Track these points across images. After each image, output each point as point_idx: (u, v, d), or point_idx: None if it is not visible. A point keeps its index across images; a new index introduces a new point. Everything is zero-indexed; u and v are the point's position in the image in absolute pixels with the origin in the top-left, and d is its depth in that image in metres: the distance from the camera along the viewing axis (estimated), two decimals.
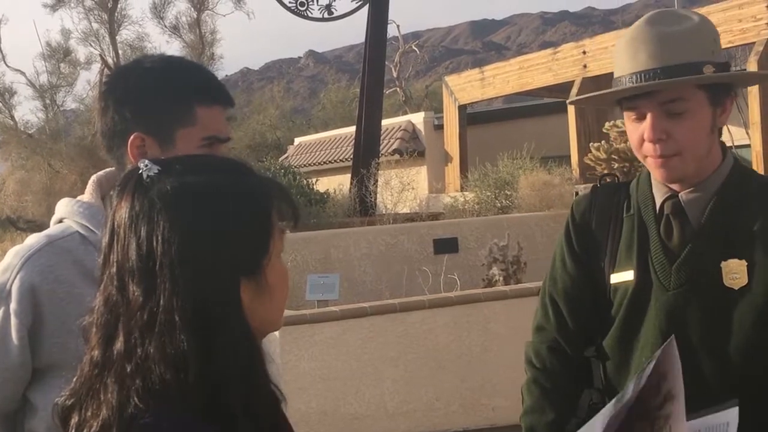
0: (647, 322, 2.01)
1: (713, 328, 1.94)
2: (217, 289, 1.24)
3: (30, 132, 28.64)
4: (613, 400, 1.66)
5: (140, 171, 1.29)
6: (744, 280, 1.92)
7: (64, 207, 1.92)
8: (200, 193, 1.27)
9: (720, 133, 2.06)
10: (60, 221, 1.92)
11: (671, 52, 1.92)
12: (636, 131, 1.99)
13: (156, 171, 1.29)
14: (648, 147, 1.97)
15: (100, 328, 1.27)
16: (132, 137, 1.83)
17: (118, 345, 1.24)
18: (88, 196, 1.93)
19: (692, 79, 1.91)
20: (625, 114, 2.03)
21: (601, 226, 2.14)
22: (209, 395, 1.21)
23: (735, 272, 1.92)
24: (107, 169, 2.00)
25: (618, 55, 2.02)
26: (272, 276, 1.32)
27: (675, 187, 2.03)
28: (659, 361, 1.53)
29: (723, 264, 1.94)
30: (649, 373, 1.52)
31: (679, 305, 1.97)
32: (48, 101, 32.89)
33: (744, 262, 1.92)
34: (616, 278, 2.07)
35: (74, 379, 1.31)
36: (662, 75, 1.91)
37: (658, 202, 2.05)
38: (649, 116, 1.95)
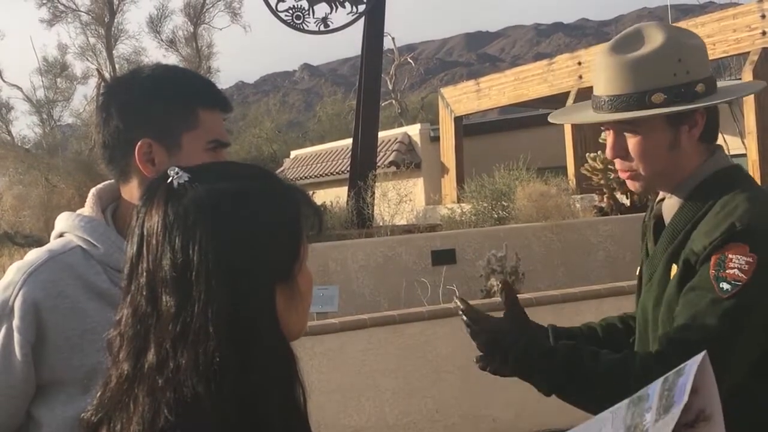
0: (639, 312, 2.19)
1: (654, 326, 2.07)
2: (254, 297, 1.22)
3: (27, 147, 28.70)
4: (626, 403, 1.56)
5: (170, 178, 1.26)
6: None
7: (64, 221, 1.90)
8: (236, 199, 1.25)
9: (709, 138, 2.09)
10: (60, 235, 1.89)
11: (624, 81, 2.02)
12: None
13: (187, 178, 1.26)
14: (616, 162, 2.14)
15: (130, 340, 1.23)
16: (139, 144, 1.82)
17: (150, 357, 1.20)
18: (88, 209, 1.90)
19: (627, 117, 2.01)
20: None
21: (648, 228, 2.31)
22: (244, 406, 1.18)
23: (674, 274, 2.03)
24: (106, 182, 1.98)
25: (592, 74, 2.19)
26: (302, 282, 1.31)
27: (663, 192, 2.15)
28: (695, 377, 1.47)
29: (673, 266, 2.02)
30: (688, 395, 1.44)
31: (646, 301, 2.11)
32: (45, 116, 32.99)
33: (676, 267, 2.01)
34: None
35: (98, 394, 1.28)
36: (615, 102, 2.03)
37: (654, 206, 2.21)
38: (609, 135, 2.10)
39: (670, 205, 2.11)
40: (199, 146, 1.83)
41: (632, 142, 2.04)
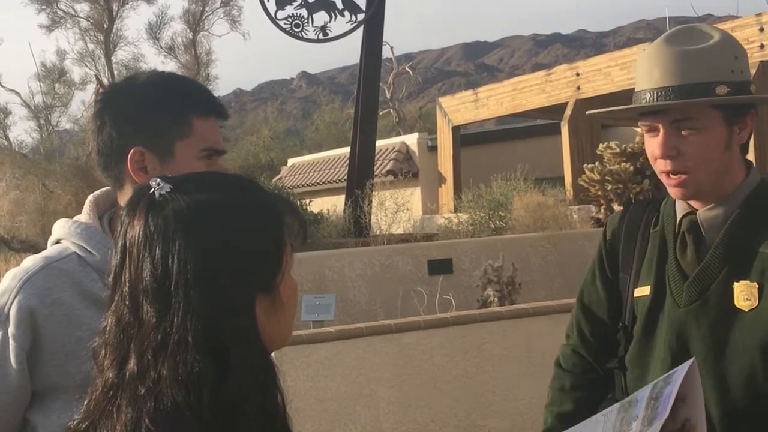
0: (660, 338, 2.03)
1: (718, 348, 1.92)
2: (233, 308, 1.23)
3: (24, 152, 28.64)
4: (617, 407, 1.56)
5: (152, 189, 1.27)
6: (755, 303, 1.90)
7: (61, 228, 1.90)
8: (215, 210, 1.26)
9: (745, 150, 2.05)
10: (57, 242, 1.90)
11: (685, 72, 1.94)
12: (650, 145, 2.02)
13: (168, 189, 1.27)
14: (660, 163, 1.99)
15: (114, 349, 1.25)
16: (131, 152, 1.81)
17: (131, 366, 1.21)
18: (85, 216, 1.91)
19: (697, 102, 1.92)
20: (642, 127, 2.05)
21: (629, 243, 2.17)
22: (224, 415, 1.19)
23: (746, 294, 1.91)
24: (104, 189, 1.98)
25: (638, 70, 2.04)
26: (284, 292, 1.30)
27: (695, 204, 2.03)
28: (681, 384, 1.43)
29: (735, 285, 1.92)
30: (677, 402, 1.40)
31: (688, 323, 1.97)
32: (43, 121, 32.92)
33: (755, 284, 1.90)
34: (638, 293, 2.11)
35: (86, 402, 1.28)
36: (674, 94, 1.93)
37: (679, 218, 2.07)
38: (661, 132, 1.97)
39: (712, 216, 2.00)
40: (193, 154, 1.83)
41: (691, 139, 1.95)
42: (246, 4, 31.04)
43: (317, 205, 16.68)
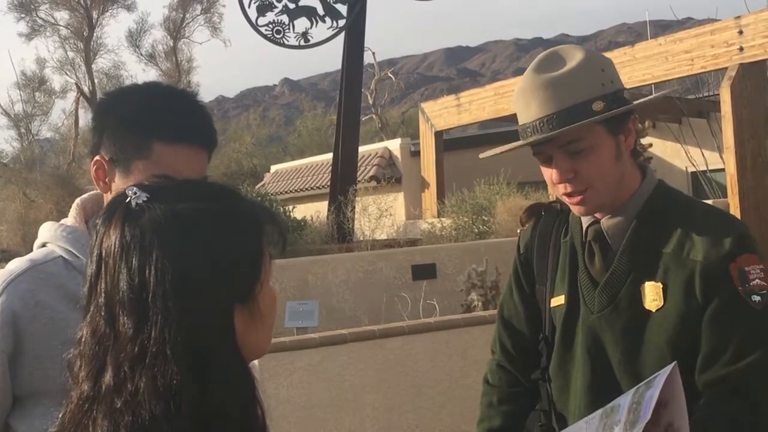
0: (578, 346, 2.09)
1: (632, 349, 1.99)
2: (211, 319, 1.21)
3: (5, 161, 28.51)
4: (599, 413, 1.57)
5: (128, 198, 1.26)
6: (660, 302, 1.97)
7: (47, 231, 1.90)
8: (193, 220, 1.24)
9: (638, 155, 2.13)
10: (43, 245, 1.89)
11: (560, 97, 1.99)
12: (547, 172, 2.09)
13: (145, 198, 1.25)
14: (560, 187, 2.06)
15: (89, 360, 1.23)
16: (94, 159, 1.85)
17: (107, 379, 1.19)
18: (71, 219, 1.91)
19: (580, 125, 1.97)
20: (537, 157, 2.12)
21: (541, 254, 2.24)
22: (203, 428, 1.18)
23: (653, 295, 1.97)
24: (92, 192, 1.99)
25: (515, 105, 2.10)
26: (263, 302, 1.29)
27: (597, 213, 2.10)
28: (662, 389, 1.45)
29: (642, 287, 1.99)
30: (655, 405, 1.41)
31: (602, 328, 2.04)
32: (23, 130, 32.79)
33: (660, 285, 1.97)
34: (554, 303, 2.17)
35: (60, 414, 1.26)
36: (555, 121, 1.98)
37: (584, 228, 2.14)
38: (554, 159, 2.04)
39: (615, 224, 2.07)
40: (145, 177, 1.80)
41: (584, 159, 2.01)
42: (227, 11, 31.04)
43: (300, 211, 16.65)
